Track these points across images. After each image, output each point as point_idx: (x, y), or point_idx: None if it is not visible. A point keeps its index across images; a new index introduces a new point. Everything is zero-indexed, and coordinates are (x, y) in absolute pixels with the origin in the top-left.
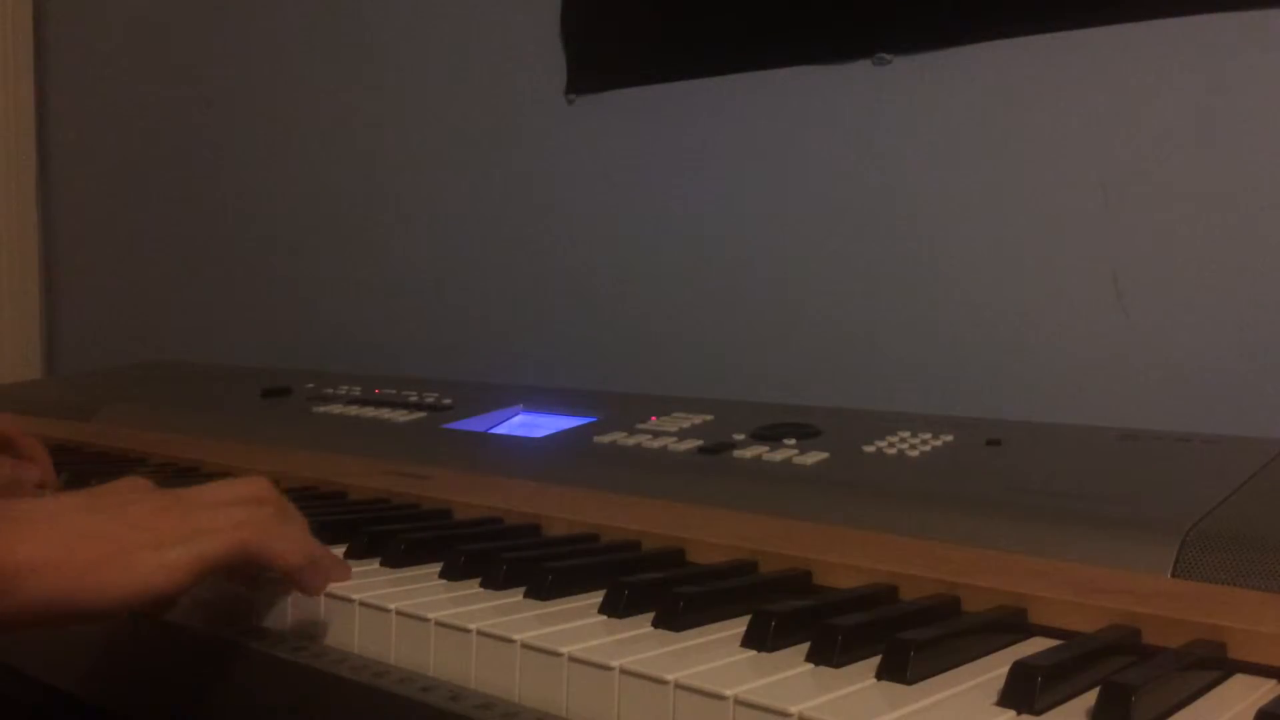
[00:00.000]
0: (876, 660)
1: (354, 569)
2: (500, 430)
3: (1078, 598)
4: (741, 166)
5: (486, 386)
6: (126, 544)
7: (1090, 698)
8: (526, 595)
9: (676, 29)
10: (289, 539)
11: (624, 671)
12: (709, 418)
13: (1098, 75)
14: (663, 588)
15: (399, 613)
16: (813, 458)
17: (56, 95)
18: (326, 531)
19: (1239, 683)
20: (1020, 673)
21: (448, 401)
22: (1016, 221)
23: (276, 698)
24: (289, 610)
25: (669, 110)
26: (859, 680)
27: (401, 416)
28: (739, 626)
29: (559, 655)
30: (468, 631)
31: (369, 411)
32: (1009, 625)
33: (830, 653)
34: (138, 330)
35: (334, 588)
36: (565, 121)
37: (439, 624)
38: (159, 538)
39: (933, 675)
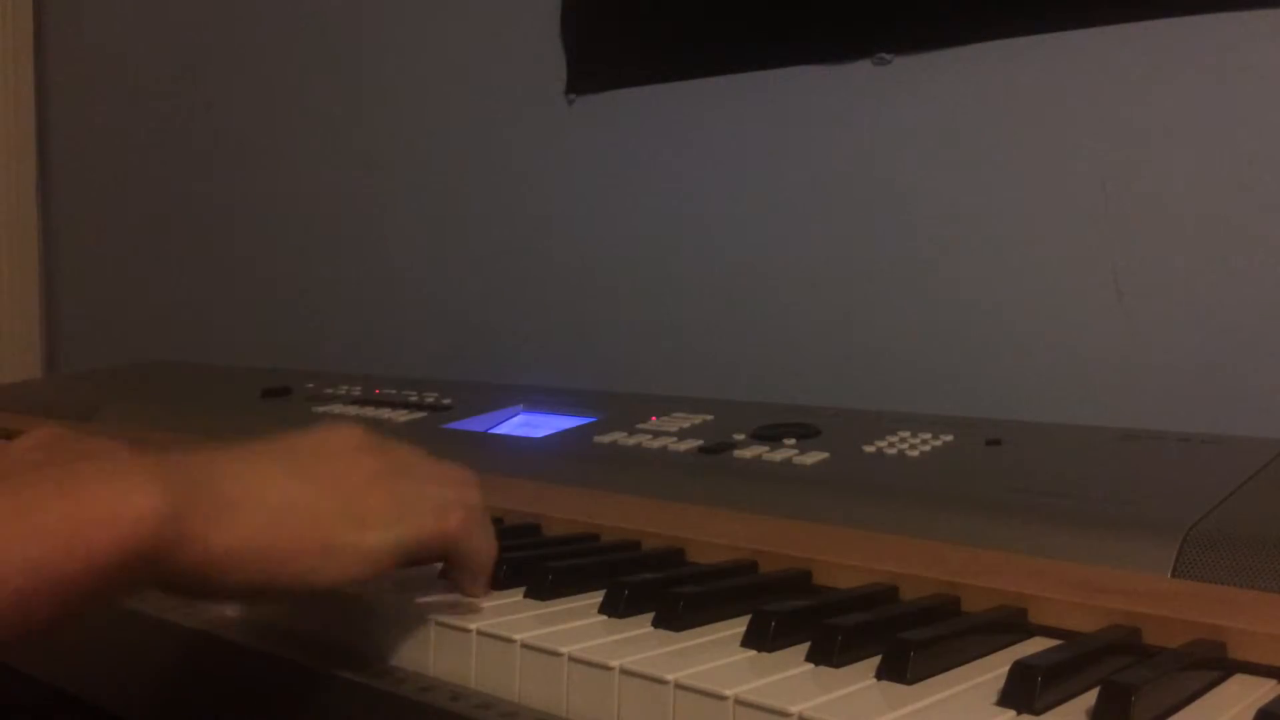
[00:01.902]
0: (876, 660)
1: None
2: (500, 430)
3: (1078, 598)
4: (741, 166)
5: (486, 386)
6: (330, 524)
7: (1090, 698)
8: (526, 595)
9: (676, 29)
10: (488, 538)
11: (624, 671)
12: (709, 418)
13: (1098, 75)
14: (663, 588)
15: (399, 613)
16: (813, 458)
17: (56, 95)
18: None
19: (1239, 683)
20: (1020, 673)
21: (448, 401)
22: (1016, 221)
23: (276, 696)
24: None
25: (669, 110)
26: (859, 680)
27: (401, 416)
28: (739, 626)
29: (559, 655)
30: (467, 631)
31: (369, 411)
32: (1009, 625)
33: (830, 653)
34: (138, 330)
35: None
36: (565, 121)
37: (439, 624)
38: (363, 516)
39: (933, 675)
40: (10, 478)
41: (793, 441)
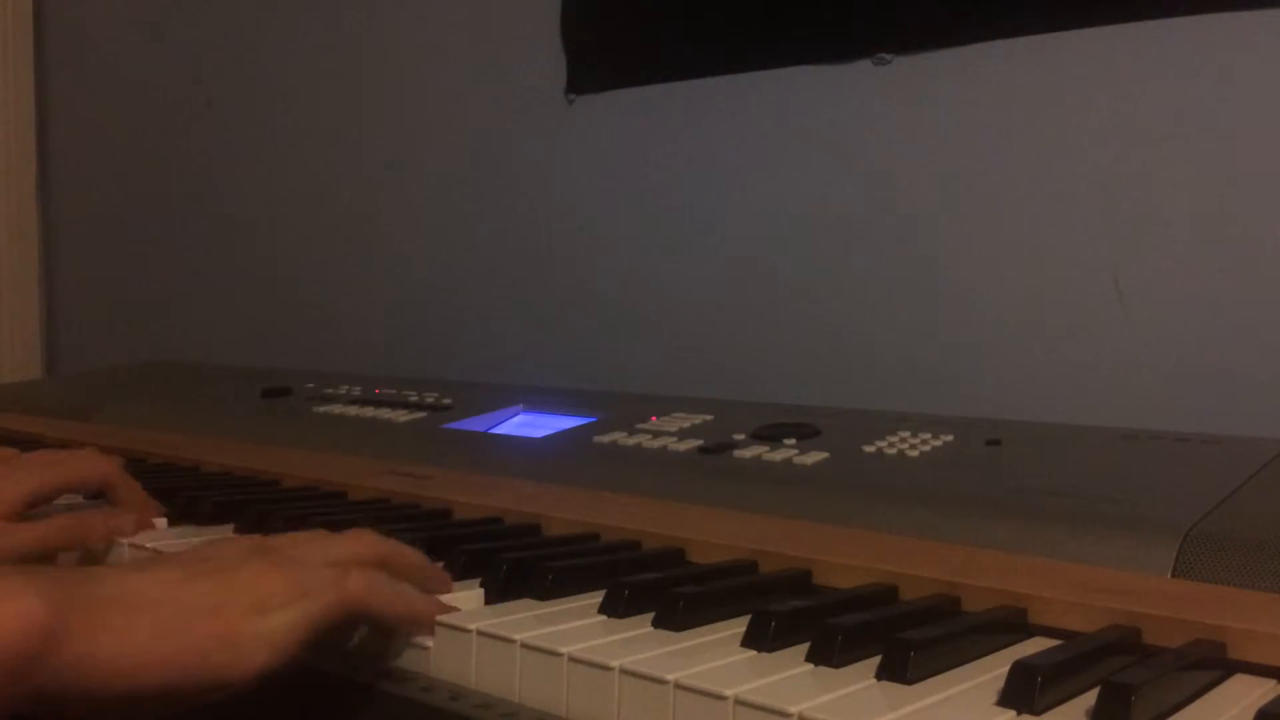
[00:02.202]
0: (876, 660)
1: None
2: (500, 430)
3: (1078, 598)
4: (741, 166)
5: (486, 386)
6: (228, 615)
7: (1090, 698)
8: (527, 595)
9: (676, 29)
10: (397, 594)
11: (624, 671)
12: (709, 418)
13: (1098, 75)
14: (663, 588)
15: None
16: (813, 458)
17: (56, 95)
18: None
19: (1239, 683)
20: (1020, 673)
21: (448, 401)
22: (1016, 222)
23: (275, 696)
24: None
25: (669, 110)
26: (859, 680)
27: (401, 416)
28: (739, 626)
29: (559, 655)
30: (467, 631)
31: (369, 411)
32: (1009, 625)
33: (830, 653)
34: (138, 330)
35: None
36: (565, 121)
37: (439, 624)
38: (262, 603)
39: (933, 675)
40: None
41: (793, 441)
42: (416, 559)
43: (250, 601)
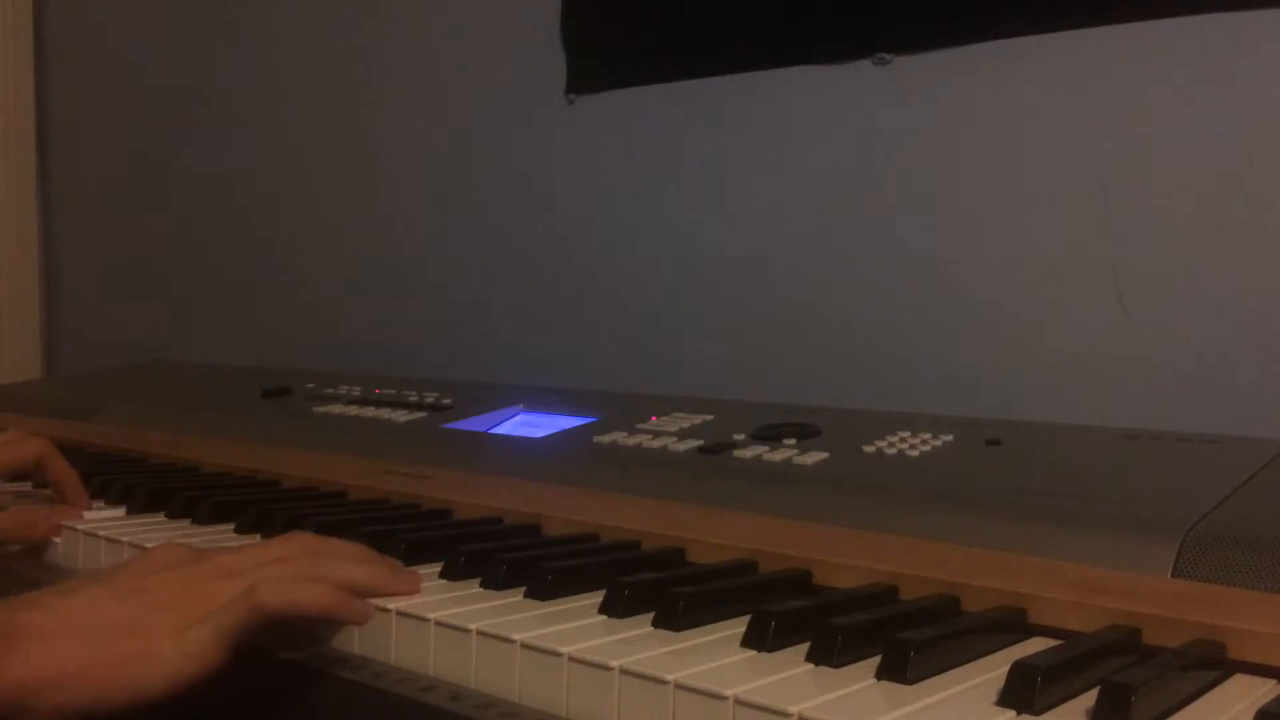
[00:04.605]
0: (876, 660)
1: None
2: (500, 430)
3: (1078, 598)
4: (741, 166)
5: (486, 386)
6: (149, 633)
7: (1090, 698)
8: (526, 595)
9: (676, 29)
10: (307, 589)
11: (624, 671)
12: (709, 418)
13: (1098, 75)
14: (663, 588)
15: (399, 613)
16: (813, 458)
17: (56, 95)
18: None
19: (1239, 683)
20: (1020, 673)
21: (448, 401)
22: (1016, 221)
23: (276, 696)
24: None
25: (669, 110)
26: (859, 680)
27: (401, 416)
28: (739, 626)
29: (559, 655)
30: (468, 631)
31: (369, 411)
32: (1009, 625)
33: (830, 653)
34: (138, 330)
35: None
36: (565, 121)
37: (439, 624)
38: (178, 618)
39: (933, 675)
40: None
41: (793, 441)
42: (354, 551)
43: (168, 619)
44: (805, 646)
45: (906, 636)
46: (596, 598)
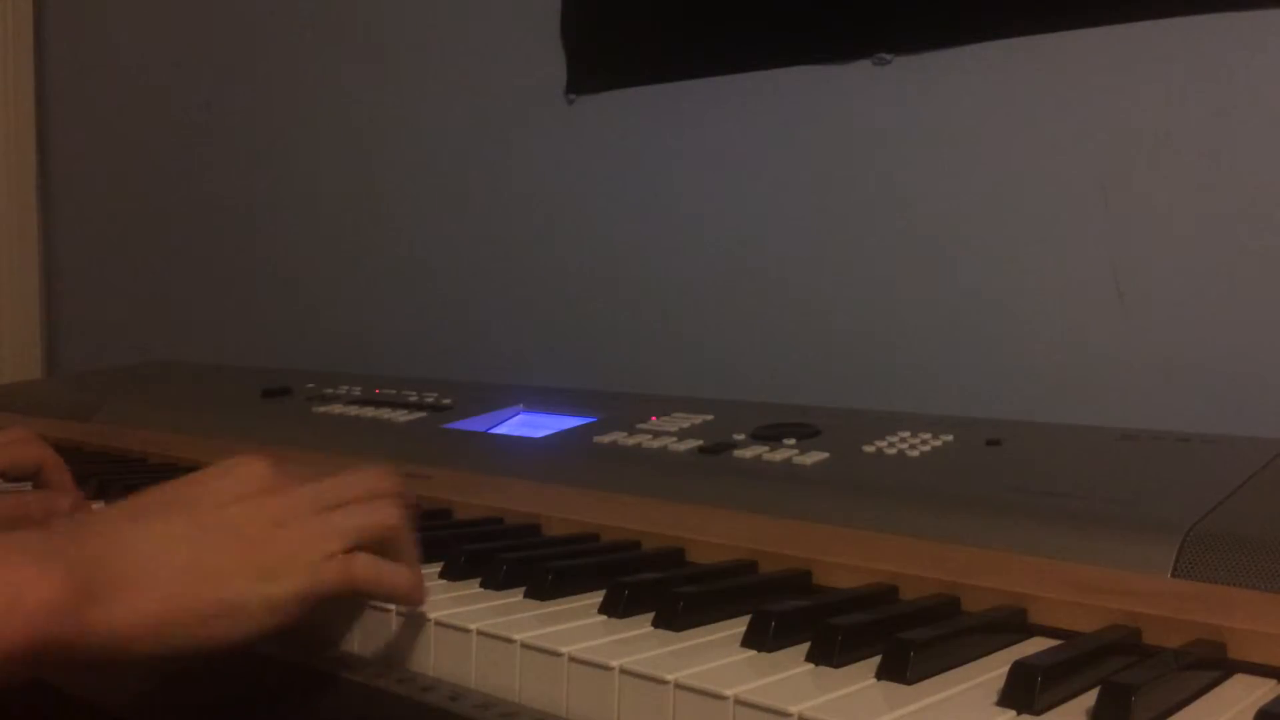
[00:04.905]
0: (876, 660)
1: None
2: (500, 430)
3: (1078, 598)
4: (741, 166)
5: (486, 386)
6: (233, 582)
7: (1090, 698)
8: (526, 595)
9: (676, 29)
10: (398, 573)
11: (624, 671)
12: (709, 418)
13: (1098, 75)
14: (663, 588)
15: (399, 613)
16: (813, 458)
17: (56, 95)
18: None
19: (1239, 683)
20: (1020, 673)
21: (448, 401)
22: (1016, 221)
23: (276, 696)
24: None
25: (669, 110)
26: (859, 680)
27: (401, 416)
28: (739, 626)
29: (559, 655)
30: (467, 631)
31: (369, 411)
32: (1009, 625)
33: (830, 653)
34: (138, 330)
35: None
36: (565, 121)
37: (439, 624)
38: (268, 568)
39: (933, 675)
40: None
41: (793, 441)
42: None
43: (255, 565)
44: (805, 646)
45: (906, 636)
46: (596, 598)
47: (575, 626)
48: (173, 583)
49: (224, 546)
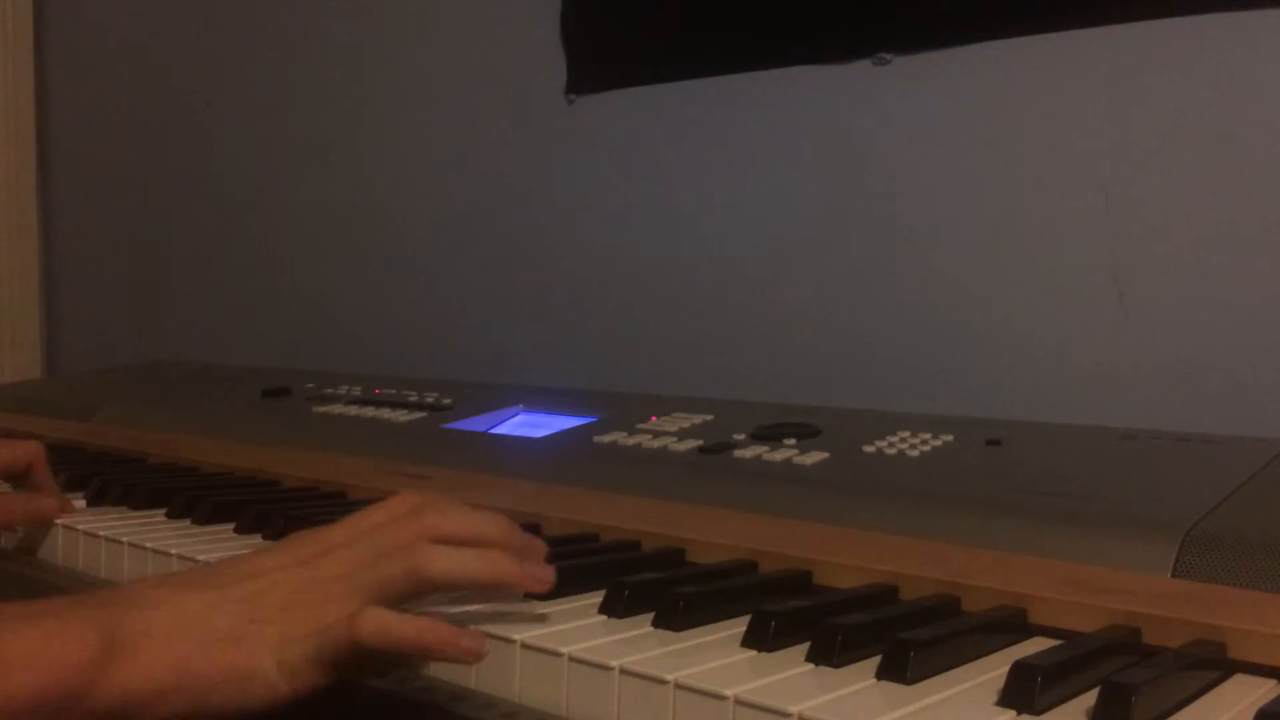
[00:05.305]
0: (876, 660)
1: None
2: (500, 430)
3: (1078, 598)
4: (742, 166)
5: (486, 386)
6: (251, 647)
7: (1090, 698)
8: (526, 595)
9: (676, 29)
10: (409, 625)
11: (624, 671)
12: (709, 418)
13: (1098, 75)
14: (663, 588)
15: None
16: (813, 458)
17: (56, 95)
18: None
19: (1239, 683)
20: (1020, 673)
21: (448, 401)
22: (1016, 221)
23: None
24: None
25: (669, 110)
26: (859, 680)
27: (401, 416)
28: (739, 626)
29: (559, 655)
30: None
31: (369, 411)
32: (1009, 625)
33: (830, 653)
34: (138, 330)
35: None
36: (565, 121)
37: None
38: (282, 634)
39: (933, 675)
40: None
41: (793, 441)
42: (484, 527)
43: (272, 632)
44: (805, 646)
45: (907, 636)
46: (596, 598)
47: (575, 626)
48: (185, 646)
49: (240, 613)
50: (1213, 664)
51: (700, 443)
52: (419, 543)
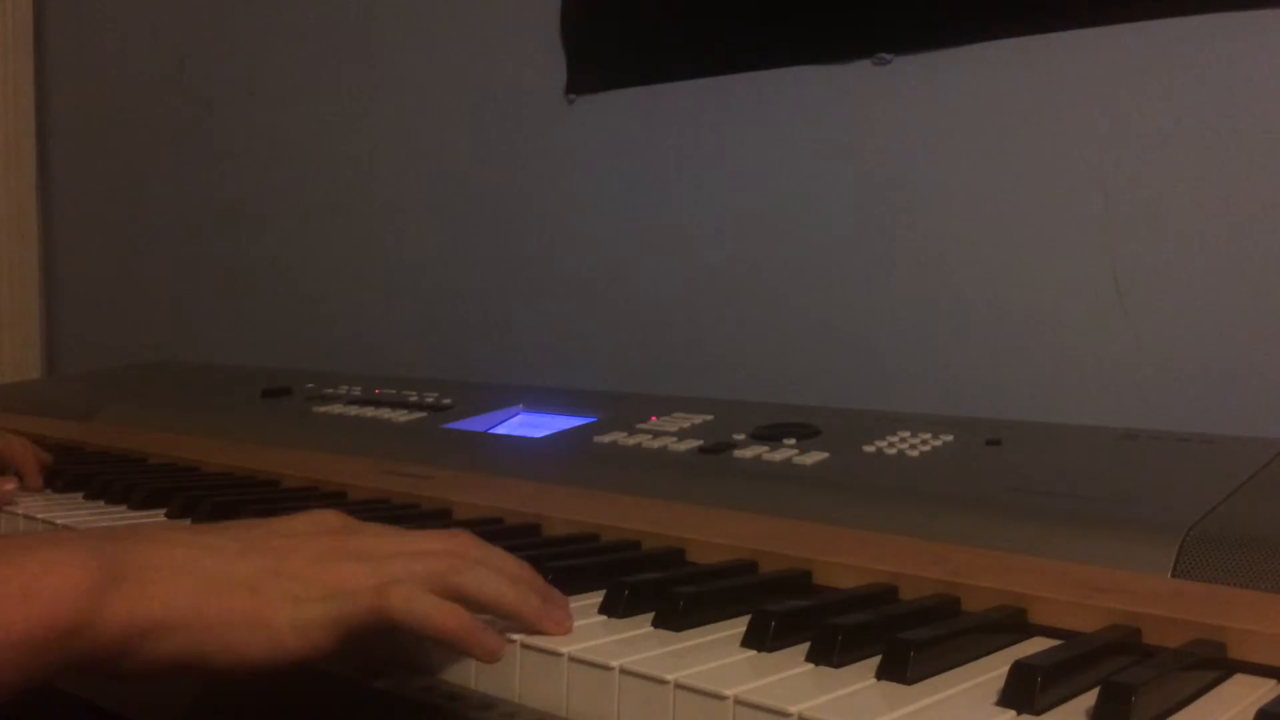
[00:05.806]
0: (876, 660)
1: None
2: (500, 430)
3: (1078, 598)
4: (741, 166)
5: (486, 386)
6: (265, 596)
7: (1090, 698)
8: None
9: (676, 29)
10: (438, 608)
11: (624, 671)
12: (709, 418)
13: (1098, 75)
14: (663, 588)
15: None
16: (813, 458)
17: (56, 95)
18: None
19: (1239, 683)
20: (1020, 673)
21: (448, 401)
22: (1016, 221)
23: (277, 697)
24: None
25: (669, 110)
26: (859, 680)
27: (401, 416)
28: (739, 626)
29: (559, 655)
30: None
31: (369, 411)
32: (1009, 625)
33: (830, 653)
34: (138, 330)
35: None
36: (565, 121)
37: None
38: (300, 591)
39: (933, 675)
40: None
41: (793, 441)
42: (510, 566)
43: (289, 588)
44: (805, 646)
45: (906, 636)
46: (596, 598)
47: (575, 626)
48: (199, 582)
49: (261, 565)
50: (1213, 664)
51: (700, 443)
52: (459, 557)
